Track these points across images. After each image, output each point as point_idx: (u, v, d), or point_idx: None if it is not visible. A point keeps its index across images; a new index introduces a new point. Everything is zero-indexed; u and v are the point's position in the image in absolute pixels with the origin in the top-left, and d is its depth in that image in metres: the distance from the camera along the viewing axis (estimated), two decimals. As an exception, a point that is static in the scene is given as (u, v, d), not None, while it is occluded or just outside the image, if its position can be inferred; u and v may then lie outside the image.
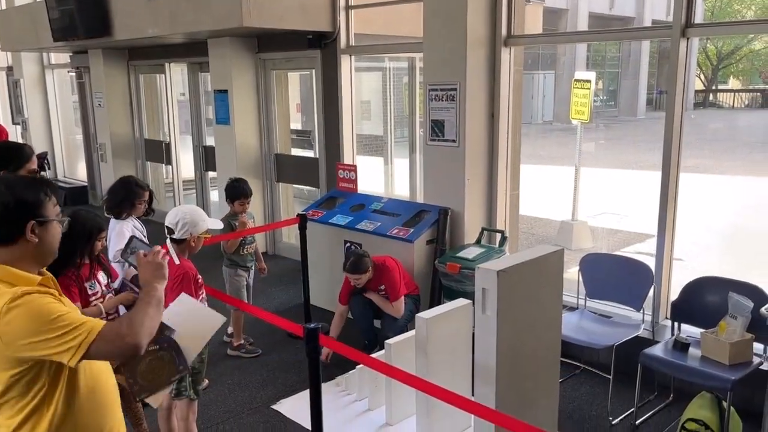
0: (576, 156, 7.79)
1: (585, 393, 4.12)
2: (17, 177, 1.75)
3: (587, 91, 7.27)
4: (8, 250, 1.68)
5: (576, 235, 7.62)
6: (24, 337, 1.57)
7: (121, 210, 3.95)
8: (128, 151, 9.40)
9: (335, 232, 5.37)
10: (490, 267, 2.95)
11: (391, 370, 2.82)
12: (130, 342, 1.67)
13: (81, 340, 1.59)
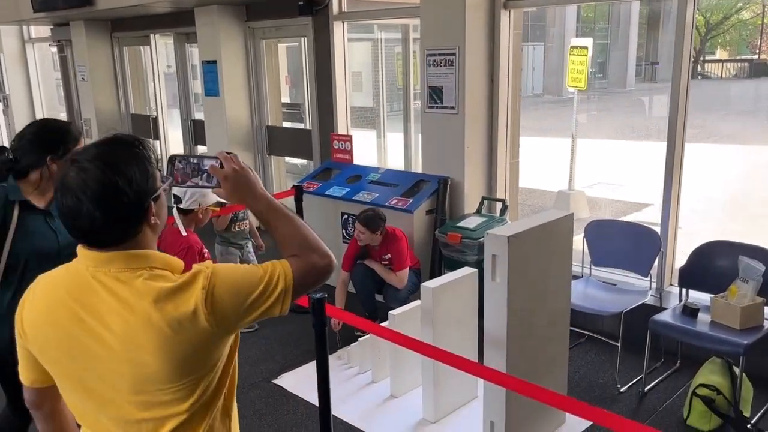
0: (572, 124, 7.68)
1: (591, 361, 4.06)
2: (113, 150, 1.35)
3: (584, 57, 7.14)
4: (134, 242, 1.35)
5: (573, 204, 7.54)
6: (238, 306, 1.34)
7: None
8: (114, 126, 9.16)
9: (332, 204, 5.24)
10: (500, 233, 2.85)
11: (402, 338, 2.72)
12: (324, 263, 1.42)
13: (284, 286, 1.36)
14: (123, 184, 1.28)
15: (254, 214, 1.46)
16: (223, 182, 1.44)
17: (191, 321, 1.28)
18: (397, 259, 4.39)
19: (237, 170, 1.43)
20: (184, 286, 1.30)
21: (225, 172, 1.43)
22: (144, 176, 1.32)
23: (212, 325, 1.29)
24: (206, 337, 1.30)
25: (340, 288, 4.46)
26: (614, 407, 3.54)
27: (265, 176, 7.23)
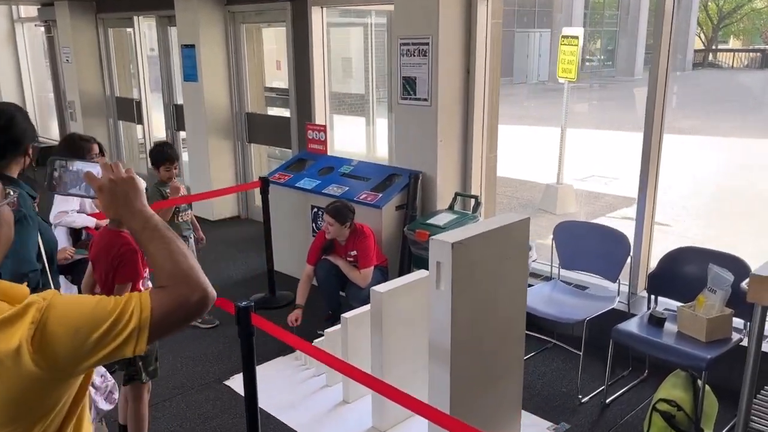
0: (562, 117, 7.47)
1: (555, 368, 3.91)
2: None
3: (575, 48, 6.91)
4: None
5: (561, 199, 7.36)
6: (77, 346, 1.14)
7: None
8: (99, 109, 9.03)
9: (301, 197, 5.09)
10: (445, 238, 2.68)
11: (332, 359, 2.58)
12: (196, 298, 1.21)
13: (137, 324, 1.16)
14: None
15: (130, 232, 1.32)
16: (97, 193, 1.31)
17: (13, 361, 1.10)
18: (363, 257, 4.24)
19: (113, 180, 1.30)
20: (12, 319, 1.12)
21: (100, 181, 1.30)
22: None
23: (41, 367, 1.11)
24: (33, 380, 1.12)
25: (304, 282, 4.32)
26: (573, 418, 3.40)
27: (245, 164, 7.07)
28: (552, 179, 8.26)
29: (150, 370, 2.94)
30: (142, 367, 2.88)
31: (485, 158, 4.99)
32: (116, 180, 1.29)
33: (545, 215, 7.43)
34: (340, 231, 4.20)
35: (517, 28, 24.82)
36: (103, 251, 2.76)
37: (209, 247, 6.19)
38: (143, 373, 2.89)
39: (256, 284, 5.19)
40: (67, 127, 9.75)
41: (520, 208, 7.88)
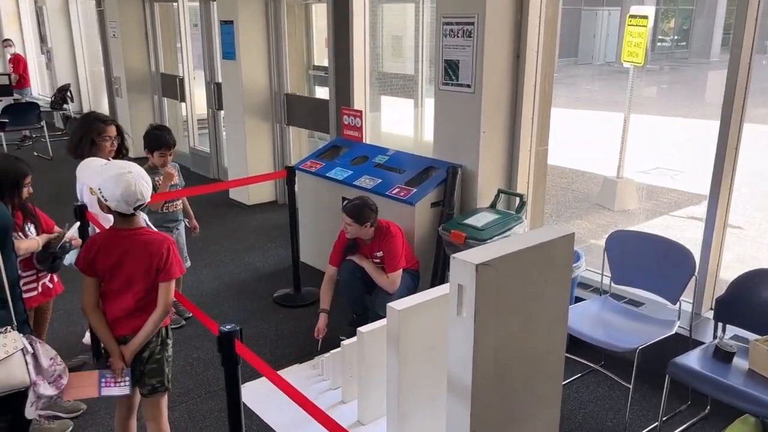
0: (626, 104, 6.84)
1: (602, 396, 3.45)
2: None
3: (643, 29, 6.26)
4: None
5: (620, 194, 6.76)
6: None
7: (82, 150, 3.44)
8: (144, 85, 8.90)
9: (332, 188, 4.73)
10: (468, 258, 2.27)
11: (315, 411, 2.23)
12: None
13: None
14: None
15: None
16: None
17: None
18: (389, 260, 3.86)
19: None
20: None
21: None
22: None
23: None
24: None
25: (327, 284, 3.98)
26: (618, 461, 2.96)
27: (283, 147, 6.77)
28: (612, 171, 7.64)
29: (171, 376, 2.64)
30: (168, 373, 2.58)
31: (534, 152, 4.51)
32: None
33: (602, 211, 6.86)
34: (360, 231, 3.83)
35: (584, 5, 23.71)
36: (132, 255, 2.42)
37: (242, 235, 5.96)
38: (169, 380, 2.60)
39: (282, 278, 4.90)
40: (115, 102, 9.69)
41: (574, 203, 7.31)
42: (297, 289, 4.60)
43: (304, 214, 5.09)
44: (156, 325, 2.43)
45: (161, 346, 2.51)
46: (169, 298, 2.42)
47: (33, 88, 11.54)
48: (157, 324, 2.44)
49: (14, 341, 2.20)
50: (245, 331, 4.10)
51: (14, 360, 2.18)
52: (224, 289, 4.79)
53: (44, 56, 11.47)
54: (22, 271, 2.85)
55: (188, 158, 8.42)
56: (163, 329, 2.52)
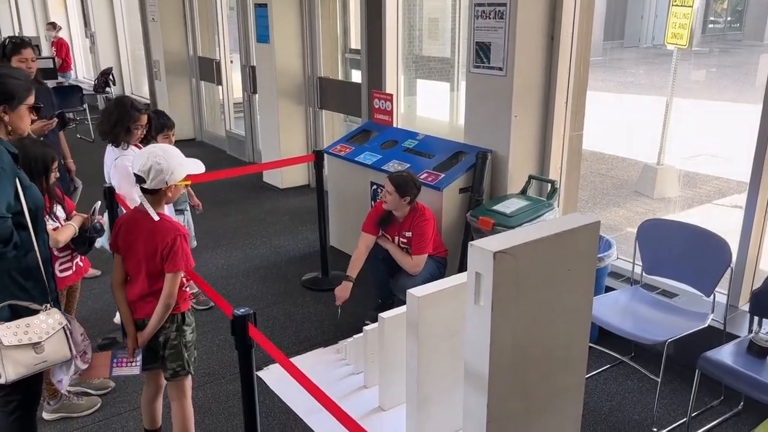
0: (669, 88, 6.60)
1: (630, 389, 3.36)
2: None
3: (688, 9, 6.02)
4: None
5: (660, 181, 6.56)
6: None
7: (116, 135, 3.50)
8: (182, 68, 9.00)
9: (361, 172, 4.70)
10: (486, 245, 2.22)
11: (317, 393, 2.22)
12: None
13: None
14: None
15: None
16: None
17: None
18: (417, 242, 3.81)
19: None
20: None
21: None
22: None
23: None
24: None
25: (360, 252, 3.88)
26: (643, 456, 2.88)
27: (316, 131, 6.76)
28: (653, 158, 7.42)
29: (194, 359, 2.65)
30: (188, 358, 2.59)
31: (568, 137, 4.39)
32: None
33: (641, 199, 6.67)
34: (398, 204, 3.78)
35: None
36: (141, 239, 2.46)
37: (274, 218, 6.00)
38: (190, 364, 2.62)
39: (311, 261, 4.91)
40: (154, 86, 9.83)
41: (613, 190, 7.12)
42: (325, 273, 4.60)
43: (334, 198, 5.08)
44: (160, 316, 2.44)
45: (177, 332, 2.52)
46: (173, 289, 2.41)
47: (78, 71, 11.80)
48: (162, 315, 2.44)
49: (58, 318, 2.25)
50: (272, 314, 4.18)
51: (59, 336, 2.24)
52: (254, 272, 4.83)
53: (88, 40, 11.69)
54: (58, 252, 2.92)
55: (224, 141, 8.50)
56: (179, 315, 2.52)
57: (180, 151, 2.56)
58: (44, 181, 2.82)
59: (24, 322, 2.21)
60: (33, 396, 2.38)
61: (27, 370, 2.20)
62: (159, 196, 2.49)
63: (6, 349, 2.16)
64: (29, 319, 2.23)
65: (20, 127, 2.33)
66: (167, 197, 2.52)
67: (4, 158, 2.17)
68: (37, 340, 2.21)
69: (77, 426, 3.08)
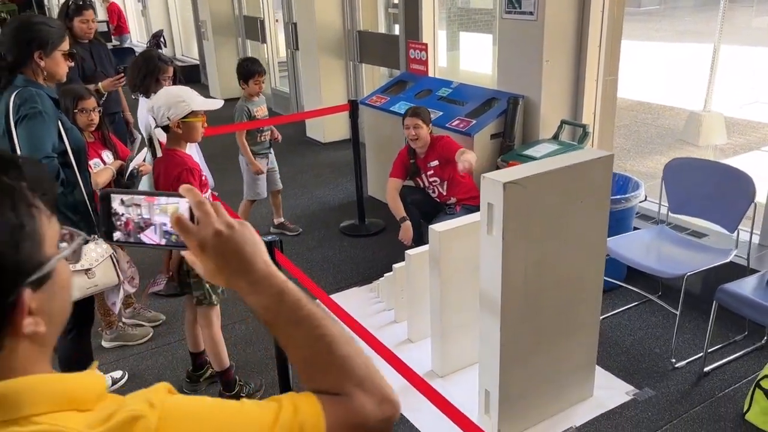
0: (716, 34, 6.41)
1: (653, 325, 3.44)
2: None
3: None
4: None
5: (705, 129, 6.42)
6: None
7: (147, 87, 3.74)
8: (228, 28, 9.20)
9: (395, 121, 4.80)
10: (497, 177, 2.33)
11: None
12: (383, 414, 0.84)
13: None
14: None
15: (253, 308, 0.86)
16: (197, 253, 0.84)
17: None
18: (450, 149, 3.85)
19: (221, 234, 0.83)
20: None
21: (200, 235, 0.83)
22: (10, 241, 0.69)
23: None
24: None
25: (393, 196, 4.04)
26: (661, 384, 2.97)
27: (357, 84, 6.88)
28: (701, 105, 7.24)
29: (219, 292, 2.86)
30: (210, 289, 2.81)
31: (601, 82, 4.38)
32: (226, 234, 0.83)
33: (686, 147, 6.56)
34: (426, 134, 3.91)
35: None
36: (162, 174, 2.72)
37: (316, 171, 6.20)
38: (213, 295, 2.83)
39: (349, 210, 5.09)
40: (203, 46, 10.09)
41: (657, 138, 7.02)
42: (362, 219, 4.78)
43: (370, 148, 5.23)
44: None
45: None
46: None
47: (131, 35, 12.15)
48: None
49: (105, 247, 2.51)
50: (313, 257, 4.40)
51: (107, 263, 2.51)
52: (296, 220, 5.04)
53: (140, 3, 12.03)
54: None
55: (270, 99, 8.69)
56: None
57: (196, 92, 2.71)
58: (73, 117, 3.04)
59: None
60: (85, 318, 2.65)
61: (80, 293, 2.47)
62: (172, 135, 2.65)
63: None
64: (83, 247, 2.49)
65: (57, 72, 2.47)
66: (179, 134, 2.64)
67: (46, 103, 2.38)
68: (88, 266, 2.47)
69: (132, 353, 3.38)
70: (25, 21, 2.52)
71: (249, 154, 4.32)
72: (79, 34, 4.26)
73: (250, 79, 4.28)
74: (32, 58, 2.42)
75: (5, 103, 2.36)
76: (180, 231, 0.84)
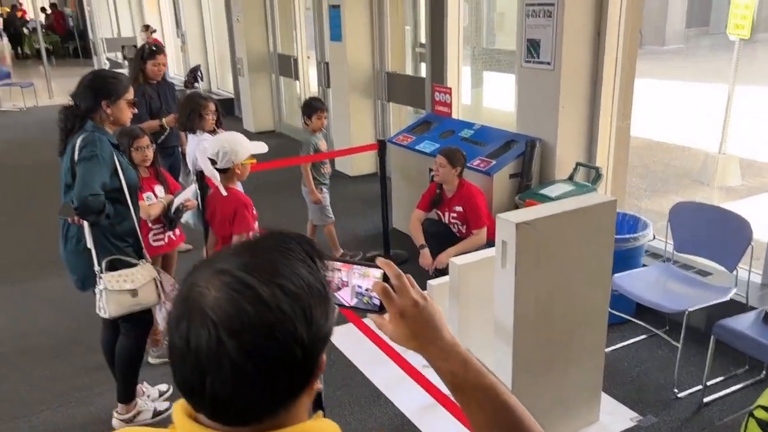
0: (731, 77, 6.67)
1: (659, 358, 3.66)
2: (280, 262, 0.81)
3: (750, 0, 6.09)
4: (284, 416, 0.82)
5: (720, 170, 6.65)
6: None
7: (192, 123, 4.13)
8: (263, 65, 9.68)
9: (420, 159, 5.15)
10: (510, 218, 2.63)
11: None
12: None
13: None
14: (299, 322, 0.77)
15: (441, 373, 0.99)
16: (395, 319, 0.97)
17: None
18: (473, 217, 4.17)
19: (419, 305, 0.98)
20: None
21: (401, 306, 0.97)
22: (323, 309, 0.80)
23: None
24: None
25: (416, 225, 4.41)
26: (663, 413, 3.20)
27: (384, 122, 7.25)
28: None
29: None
30: None
31: (615, 127, 4.67)
32: (422, 304, 0.97)
33: (701, 188, 6.78)
34: (449, 174, 4.19)
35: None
36: (219, 208, 3.06)
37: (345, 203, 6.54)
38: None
39: (375, 241, 5.40)
40: (238, 81, 10.59)
41: (673, 178, 7.25)
42: (386, 251, 5.08)
43: (396, 184, 5.55)
44: None
45: None
46: None
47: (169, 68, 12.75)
48: None
49: (150, 271, 2.86)
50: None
51: (151, 285, 2.86)
52: (326, 248, 5.36)
53: (179, 39, 12.63)
54: (152, 224, 3.54)
55: (301, 133, 9.11)
56: None
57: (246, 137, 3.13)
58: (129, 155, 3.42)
59: (125, 272, 2.83)
60: (143, 324, 3.05)
61: (125, 310, 2.86)
62: (229, 174, 3.08)
63: (111, 293, 2.79)
64: (128, 270, 2.85)
65: (121, 118, 2.90)
66: (237, 174, 3.09)
67: (105, 147, 2.78)
68: (133, 287, 2.82)
69: (175, 369, 3.70)
70: (97, 75, 2.93)
71: (311, 184, 4.73)
72: (150, 75, 4.74)
73: (313, 114, 4.72)
74: (101, 106, 2.81)
75: (72, 144, 2.74)
76: (384, 298, 0.97)
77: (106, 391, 3.42)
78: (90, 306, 2.94)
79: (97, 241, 2.76)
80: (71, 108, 2.84)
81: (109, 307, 2.78)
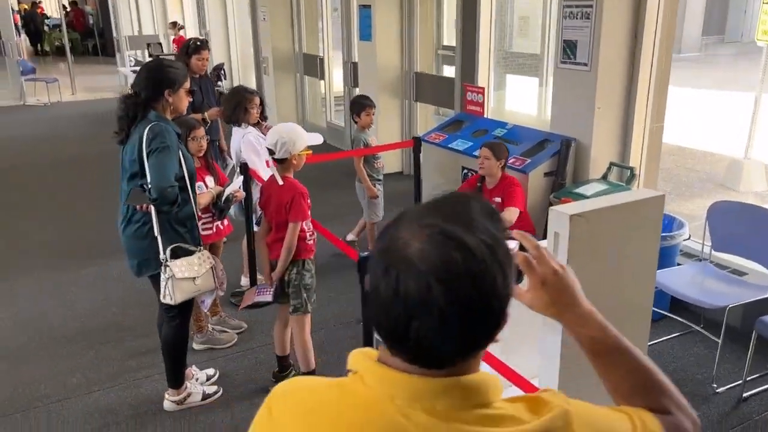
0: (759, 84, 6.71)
1: (696, 354, 3.72)
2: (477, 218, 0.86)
3: (780, 6, 6.14)
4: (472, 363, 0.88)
5: (746, 175, 6.69)
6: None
7: (237, 116, 4.22)
8: (288, 64, 9.78)
9: (453, 157, 5.22)
10: (564, 210, 2.69)
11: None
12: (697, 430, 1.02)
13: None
14: (498, 275, 0.82)
15: (579, 338, 1.07)
16: (536, 286, 1.04)
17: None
18: (509, 198, 4.15)
19: (558, 273, 1.05)
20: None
21: (542, 274, 1.04)
22: (510, 265, 0.86)
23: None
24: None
25: None
26: (702, 407, 3.25)
27: (411, 121, 7.33)
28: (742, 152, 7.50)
29: (312, 301, 3.25)
30: (307, 298, 3.20)
31: (648, 129, 4.73)
32: (561, 273, 1.05)
33: (726, 192, 6.82)
34: (493, 167, 4.21)
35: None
36: (274, 196, 3.14)
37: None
38: (308, 304, 3.21)
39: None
40: (262, 80, 10.70)
41: (698, 183, 7.29)
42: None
43: (428, 181, 5.61)
44: (284, 258, 3.08)
45: (297, 275, 3.15)
46: (292, 237, 3.05)
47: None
48: (285, 258, 3.07)
49: (208, 258, 2.95)
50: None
51: (208, 272, 2.95)
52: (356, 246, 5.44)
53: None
54: (203, 213, 3.63)
55: (325, 131, 9.21)
56: (300, 261, 3.14)
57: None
58: (186, 145, 3.51)
59: (187, 260, 2.91)
60: (186, 311, 3.13)
61: (187, 296, 2.95)
62: (287, 164, 3.14)
63: (177, 280, 2.86)
64: (190, 258, 2.93)
65: (180, 107, 2.97)
66: (293, 165, 3.15)
67: (173, 138, 2.85)
68: (195, 275, 2.90)
69: (220, 355, 3.78)
70: (158, 64, 3.01)
71: (367, 180, 4.82)
72: (194, 69, 4.84)
73: (362, 111, 4.83)
74: (163, 95, 2.88)
75: (139, 134, 2.81)
76: (525, 267, 1.03)
77: (155, 373, 3.51)
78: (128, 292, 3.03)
79: (163, 227, 2.84)
80: (132, 96, 2.91)
81: (176, 295, 2.87)
